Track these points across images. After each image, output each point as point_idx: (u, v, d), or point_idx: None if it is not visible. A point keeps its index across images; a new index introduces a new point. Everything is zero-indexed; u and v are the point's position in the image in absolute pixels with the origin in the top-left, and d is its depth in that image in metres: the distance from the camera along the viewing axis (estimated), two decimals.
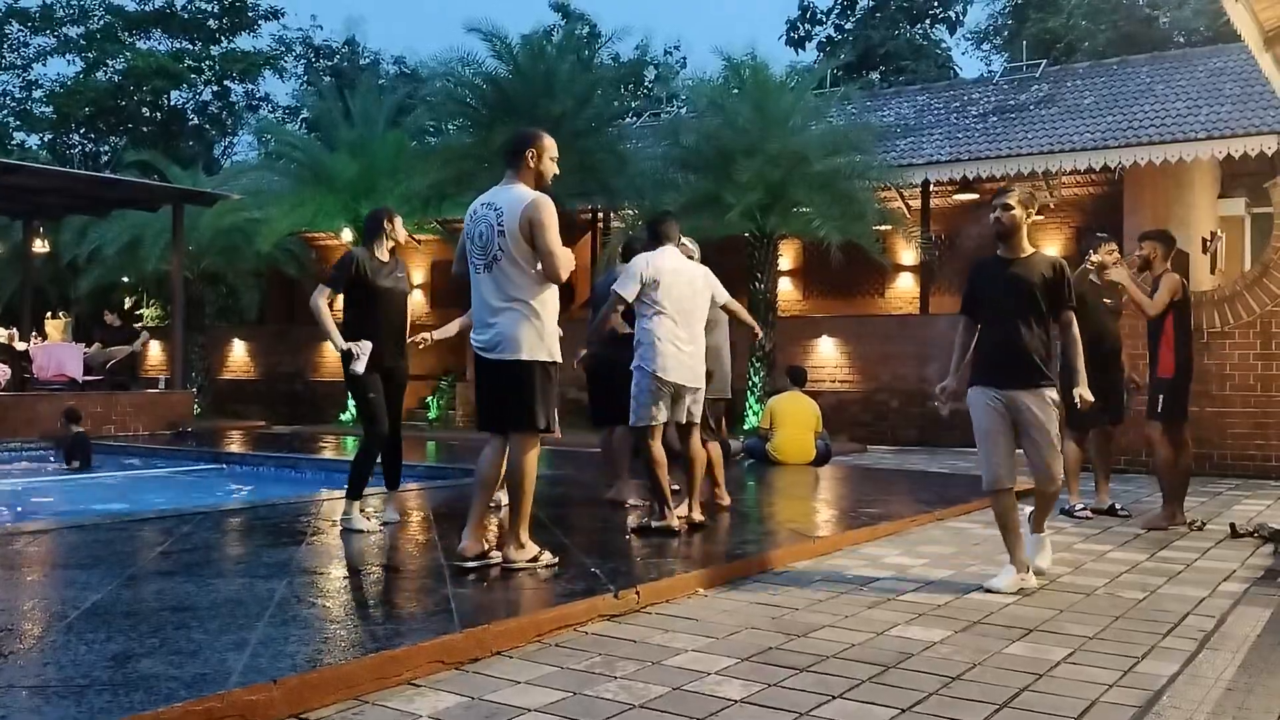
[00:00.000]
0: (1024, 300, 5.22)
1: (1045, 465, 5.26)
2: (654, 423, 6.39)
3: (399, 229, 6.52)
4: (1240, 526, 6.98)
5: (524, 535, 5.14)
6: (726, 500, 7.45)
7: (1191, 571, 5.74)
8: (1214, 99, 15.20)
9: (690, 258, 6.83)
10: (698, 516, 6.55)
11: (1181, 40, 23.84)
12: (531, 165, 5.16)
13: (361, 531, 6.07)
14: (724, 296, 6.83)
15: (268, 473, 10.61)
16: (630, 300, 6.34)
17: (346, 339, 6.19)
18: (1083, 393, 5.38)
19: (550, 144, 5.22)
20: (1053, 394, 5.21)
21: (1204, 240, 16.76)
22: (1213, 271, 16.84)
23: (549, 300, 5.10)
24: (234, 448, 13.07)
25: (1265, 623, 4.45)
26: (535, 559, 5.12)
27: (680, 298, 6.38)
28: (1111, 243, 7.65)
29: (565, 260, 5.02)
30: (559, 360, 5.16)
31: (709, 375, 6.66)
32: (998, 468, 5.21)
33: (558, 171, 5.28)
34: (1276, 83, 9.29)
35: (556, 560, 5.20)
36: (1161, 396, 7.14)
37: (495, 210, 5.06)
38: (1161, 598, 5.06)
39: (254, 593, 4.49)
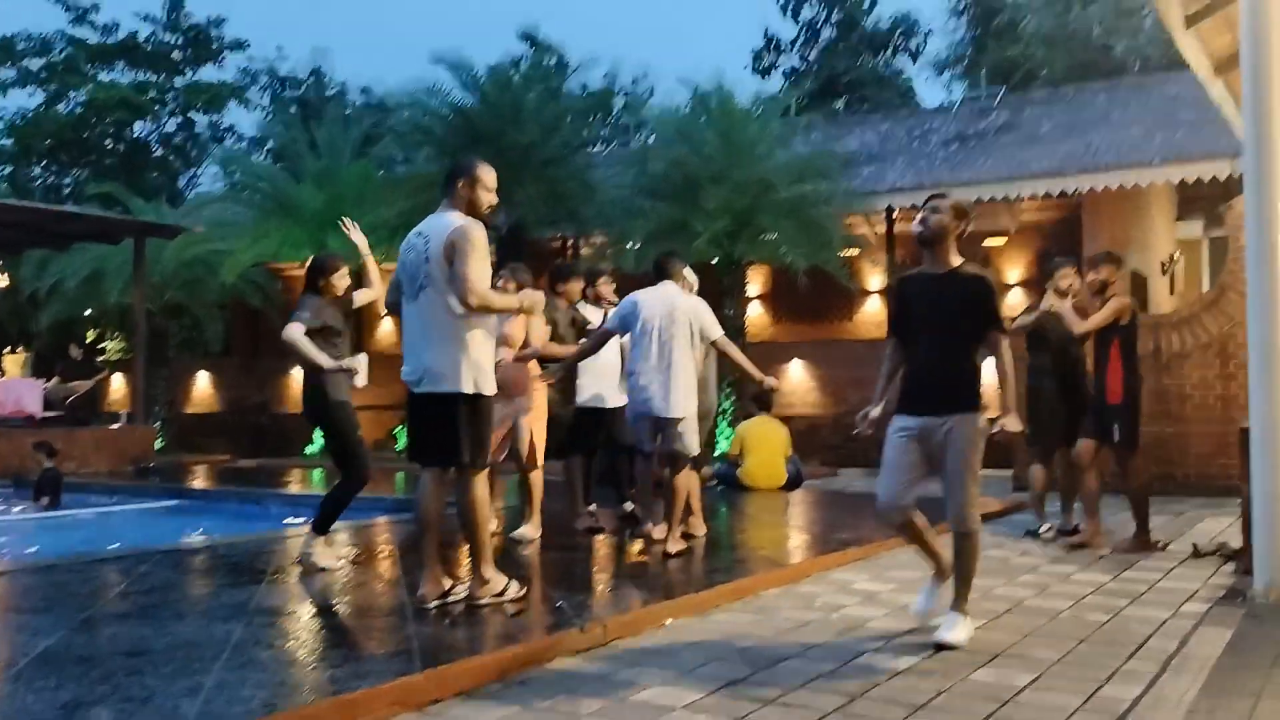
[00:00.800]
0: (948, 318, 4.74)
1: (957, 504, 4.64)
2: (645, 449, 6.80)
3: (337, 282, 6.42)
4: (1202, 546, 7.04)
5: (487, 570, 5.07)
6: (701, 530, 7.42)
7: (1155, 592, 5.78)
8: (1169, 125, 15.43)
9: (692, 290, 7.24)
10: (673, 547, 6.55)
11: (1137, 68, 24.17)
12: (463, 194, 5.07)
13: (324, 569, 6.00)
14: (716, 333, 6.94)
15: (231, 509, 10.49)
16: (614, 331, 6.79)
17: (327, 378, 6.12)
18: (1006, 423, 4.79)
19: (486, 173, 5.14)
20: (979, 421, 4.67)
21: (1163, 263, 16.99)
22: (1172, 293, 17.08)
23: (478, 331, 4.98)
24: (197, 483, 12.94)
25: (1226, 643, 4.49)
26: (502, 593, 5.05)
27: (659, 330, 6.60)
28: (1068, 266, 7.65)
29: (479, 289, 4.84)
30: (487, 393, 5.02)
31: None
32: (890, 489, 4.72)
33: (495, 201, 5.18)
34: (1229, 109, 9.46)
35: (525, 591, 5.16)
36: (1116, 424, 7.15)
37: (424, 238, 5.01)
38: (1125, 619, 5.09)
39: (211, 635, 4.42)
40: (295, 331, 6.05)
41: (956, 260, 4.78)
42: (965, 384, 4.69)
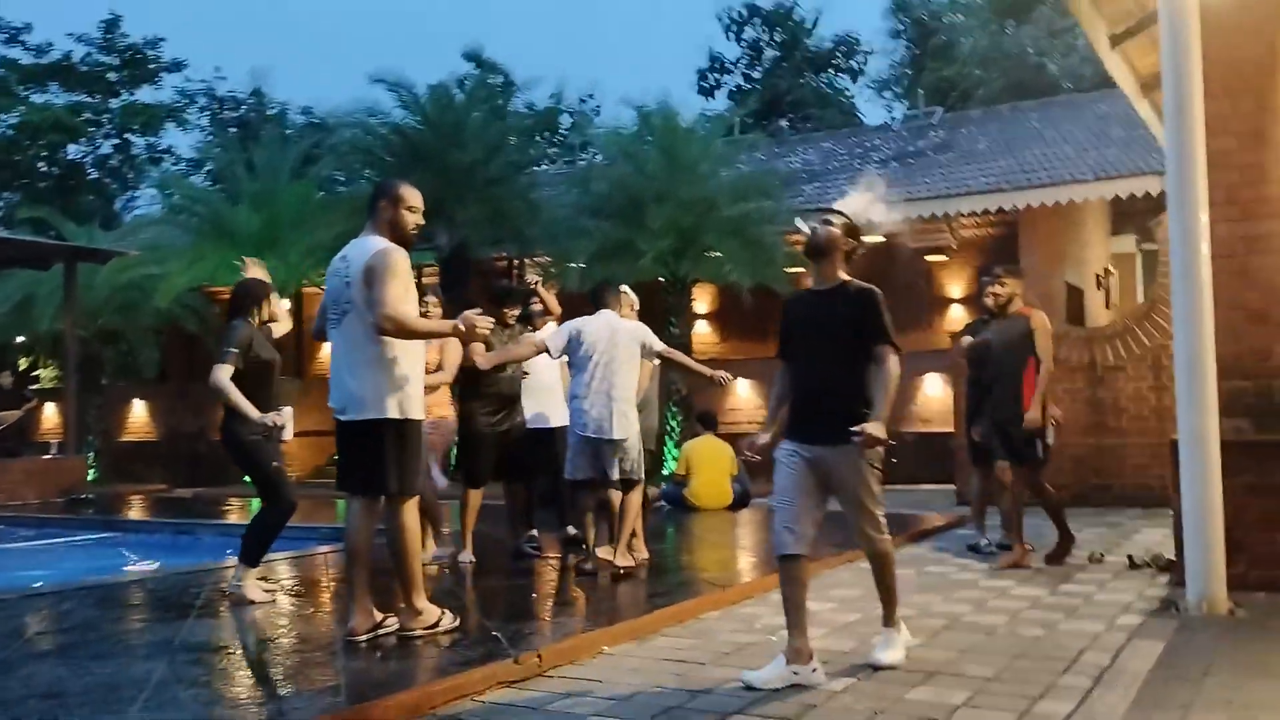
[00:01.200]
0: (831, 336, 4.50)
1: (860, 530, 4.54)
2: (578, 476, 6.76)
3: (275, 306, 6.26)
4: (1138, 558, 7.12)
5: (419, 601, 4.96)
6: (643, 555, 7.33)
7: (1090, 605, 5.83)
8: (1101, 142, 15.72)
9: (634, 309, 7.38)
10: (623, 561, 6.60)
11: (1069, 87, 24.63)
12: (385, 215, 4.98)
13: (253, 602, 5.86)
14: (659, 346, 7.04)
15: (165, 540, 10.26)
16: (551, 352, 6.84)
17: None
18: (867, 428, 4.28)
19: (409, 194, 5.05)
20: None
21: (1098, 277, 17.28)
22: (1107, 307, 17.36)
23: (402, 355, 4.87)
24: (132, 514, 12.67)
25: (1158, 656, 4.52)
26: (435, 625, 4.96)
27: (601, 354, 6.72)
28: (1000, 279, 7.65)
29: (395, 313, 4.71)
30: (415, 418, 4.93)
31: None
32: (784, 532, 4.45)
33: (420, 221, 5.09)
34: (1156, 127, 9.63)
35: (458, 621, 5.08)
36: (1037, 441, 7.19)
37: (345, 263, 4.93)
38: (1060, 634, 5.12)
39: (131, 675, 4.29)
40: (221, 377, 5.82)
41: (842, 278, 4.55)
42: (851, 409, 4.38)
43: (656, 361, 7.21)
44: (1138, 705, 3.84)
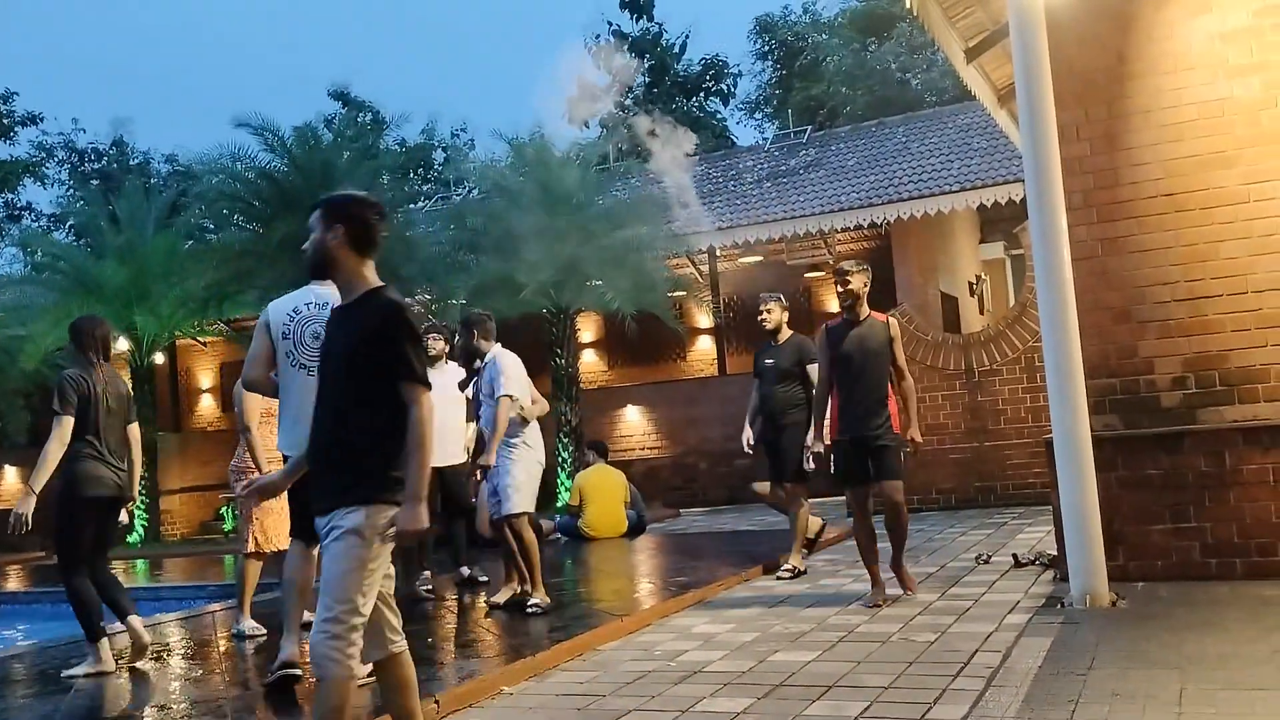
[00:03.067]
0: (334, 367, 3.52)
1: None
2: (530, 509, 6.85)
3: (103, 346, 5.88)
4: (1022, 556, 7.31)
5: None
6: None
7: (979, 606, 5.96)
8: (965, 153, 16.23)
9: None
10: (538, 596, 6.63)
11: (932, 100, 25.38)
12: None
13: (97, 675, 5.54)
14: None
15: (44, 610, 9.82)
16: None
17: (75, 468, 5.63)
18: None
19: None
20: (367, 516, 3.28)
21: (970, 284, 17.80)
22: (981, 313, 17.89)
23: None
24: (9, 584, 12.11)
25: (1046, 652, 4.64)
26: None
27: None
28: (771, 302, 7.86)
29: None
30: None
31: None
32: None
33: None
34: (1015, 135, 9.99)
35: (371, 669, 4.97)
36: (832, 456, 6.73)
37: (327, 310, 4.85)
38: (951, 637, 5.22)
39: None
40: (55, 444, 5.53)
41: (366, 286, 3.62)
42: (346, 465, 3.36)
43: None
44: (1029, 703, 3.92)
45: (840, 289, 6.44)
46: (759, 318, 7.88)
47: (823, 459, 6.73)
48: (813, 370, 7.26)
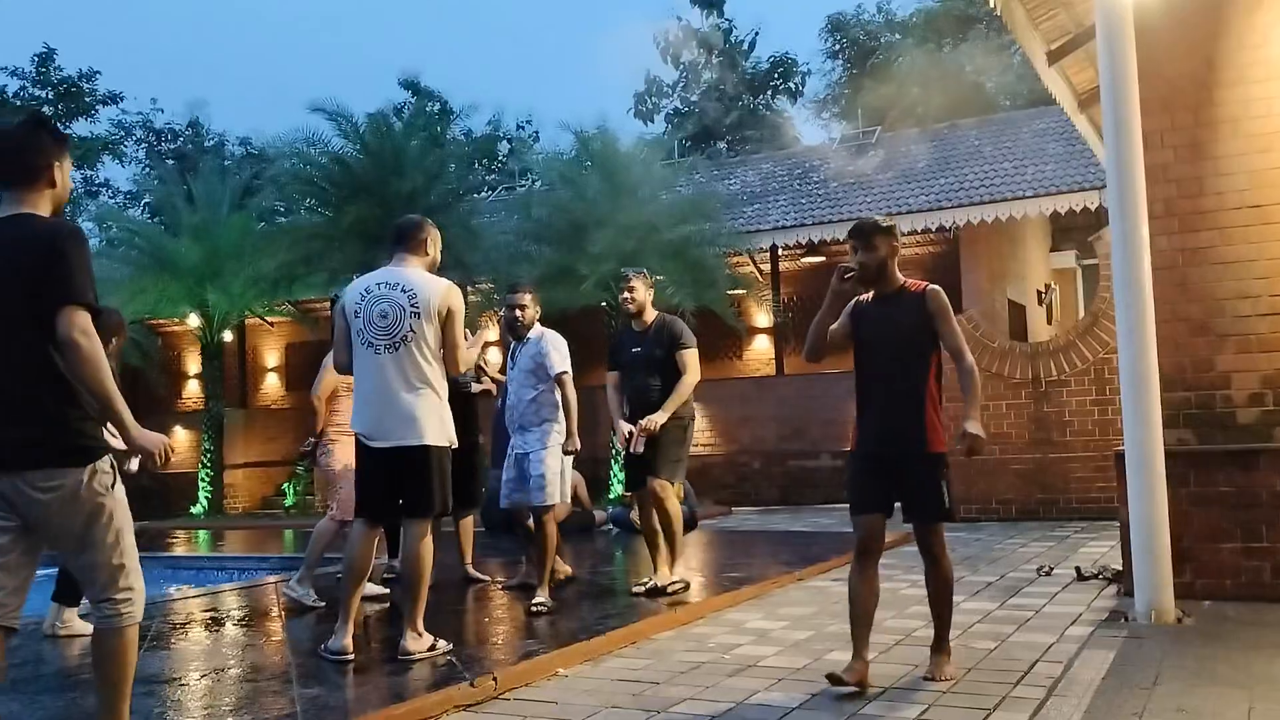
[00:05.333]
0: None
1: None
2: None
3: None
4: (1086, 569, 7.20)
5: (420, 624, 5.02)
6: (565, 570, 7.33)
7: (1040, 618, 5.88)
8: (1040, 159, 15.99)
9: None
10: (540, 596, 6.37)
11: (1007, 104, 25.09)
12: (429, 251, 5.22)
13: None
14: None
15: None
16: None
17: None
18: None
19: (438, 233, 5.32)
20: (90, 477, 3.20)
21: (1039, 292, 17.55)
22: (1049, 322, 17.63)
23: (445, 386, 5.12)
24: None
25: (1109, 666, 4.57)
26: (433, 647, 5.00)
27: None
28: (635, 279, 6.83)
29: (466, 356, 5.16)
30: (456, 444, 5.17)
31: None
32: None
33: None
34: (1094, 142, 9.83)
35: (451, 646, 5.06)
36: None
37: (404, 292, 4.98)
38: (1012, 646, 5.16)
39: (84, 709, 4.20)
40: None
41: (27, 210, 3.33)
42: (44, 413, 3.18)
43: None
44: (1091, 714, 3.87)
45: (863, 256, 4.53)
46: (620, 297, 6.92)
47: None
48: (686, 357, 6.68)
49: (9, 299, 3.10)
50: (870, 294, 4.65)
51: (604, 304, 14.94)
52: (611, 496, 14.24)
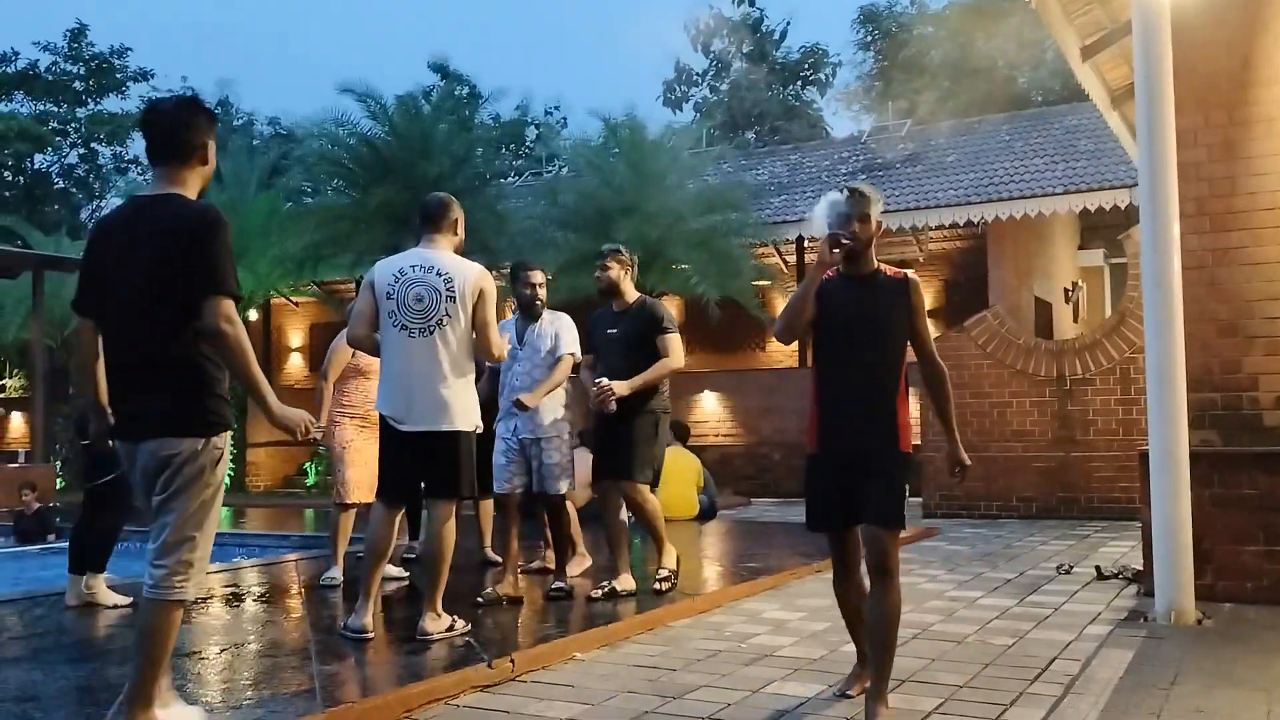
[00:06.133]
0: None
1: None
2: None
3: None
4: (1106, 569, 7.17)
5: (440, 605, 5.05)
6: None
7: (1059, 615, 5.86)
8: (1070, 155, 15.88)
9: None
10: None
11: (1039, 99, 24.90)
12: (459, 232, 5.23)
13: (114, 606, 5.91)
14: None
15: (132, 547, 10.13)
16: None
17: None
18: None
19: (463, 213, 5.33)
20: (199, 446, 3.40)
21: (1066, 290, 17.44)
22: (1075, 320, 17.52)
23: (473, 370, 5.14)
24: None
25: (1127, 665, 4.55)
26: (451, 628, 5.03)
27: None
28: (609, 256, 6.36)
29: (498, 340, 5.16)
30: (481, 429, 5.19)
31: None
32: None
33: None
34: (1126, 139, 9.75)
35: (469, 627, 5.10)
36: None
37: (440, 275, 4.98)
38: (1029, 643, 5.14)
39: (105, 679, 4.26)
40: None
41: (176, 188, 3.51)
42: (172, 387, 3.41)
43: None
44: (1108, 713, 3.86)
45: (858, 227, 3.87)
46: (594, 275, 6.44)
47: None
48: (669, 341, 6.26)
49: (152, 280, 3.29)
50: (835, 272, 3.96)
51: None
52: None
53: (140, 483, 3.39)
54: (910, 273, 4.00)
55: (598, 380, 6.09)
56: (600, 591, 6.10)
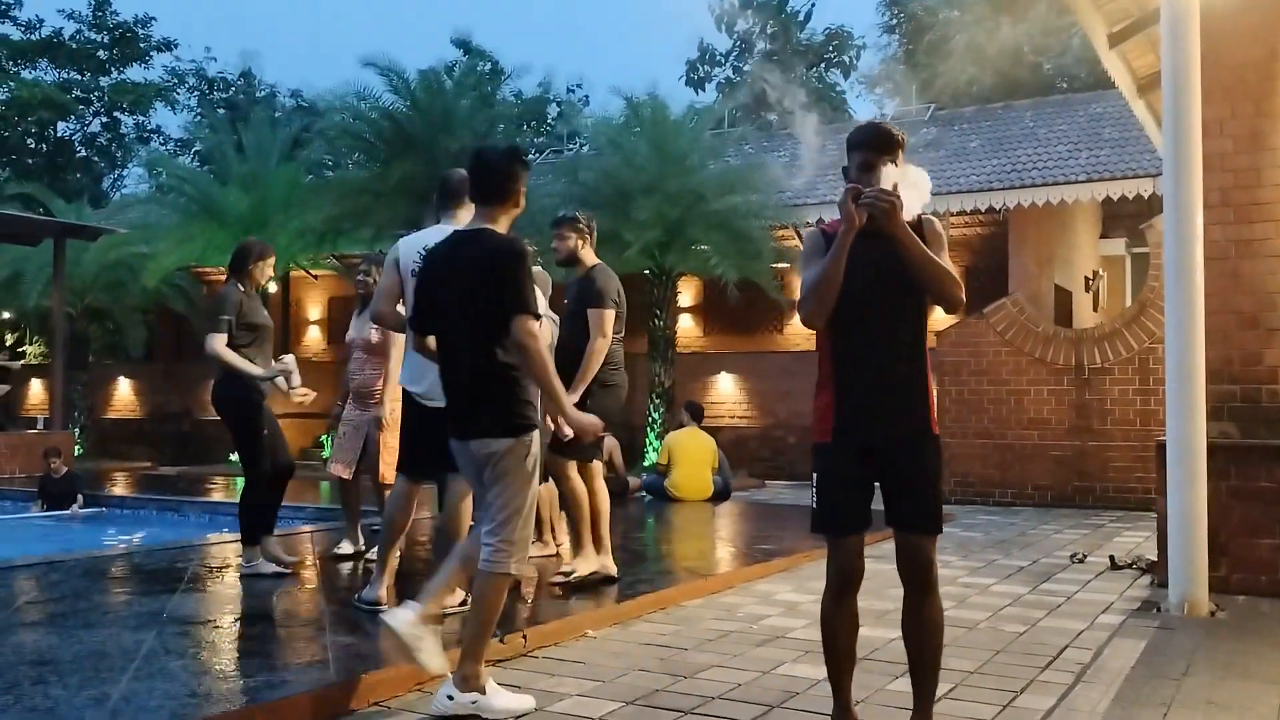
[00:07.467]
0: (463, 301, 3.93)
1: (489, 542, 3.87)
2: None
3: (262, 270, 6.17)
4: (1119, 558, 7.16)
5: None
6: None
7: (1072, 604, 5.86)
8: (1094, 143, 15.74)
9: None
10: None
11: (1064, 86, 24.70)
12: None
13: (267, 576, 5.92)
14: None
15: (150, 516, 10.24)
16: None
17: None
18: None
19: None
20: (517, 446, 3.88)
21: (1086, 279, 17.33)
22: (1095, 309, 17.42)
23: None
24: (116, 490, 12.62)
25: (1140, 654, 4.55)
26: (464, 603, 5.00)
27: None
28: (565, 225, 6.08)
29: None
30: None
31: None
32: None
33: None
34: (1151, 128, 9.67)
35: (465, 599, 5.11)
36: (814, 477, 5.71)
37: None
38: (1041, 631, 5.15)
39: (120, 644, 4.31)
40: (217, 345, 5.88)
41: (489, 224, 4.00)
42: (492, 395, 3.88)
43: None
44: (1119, 702, 3.86)
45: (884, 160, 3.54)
46: (551, 246, 6.15)
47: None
48: (594, 317, 5.84)
49: (476, 305, 3.84)
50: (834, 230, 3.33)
51: (646, 270, 14.93)
52: (646, 464, 14.29)
53: (470, 473, 3.98)
54: (928, 215, 3.51)
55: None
56: (564, 576, 5.86)
